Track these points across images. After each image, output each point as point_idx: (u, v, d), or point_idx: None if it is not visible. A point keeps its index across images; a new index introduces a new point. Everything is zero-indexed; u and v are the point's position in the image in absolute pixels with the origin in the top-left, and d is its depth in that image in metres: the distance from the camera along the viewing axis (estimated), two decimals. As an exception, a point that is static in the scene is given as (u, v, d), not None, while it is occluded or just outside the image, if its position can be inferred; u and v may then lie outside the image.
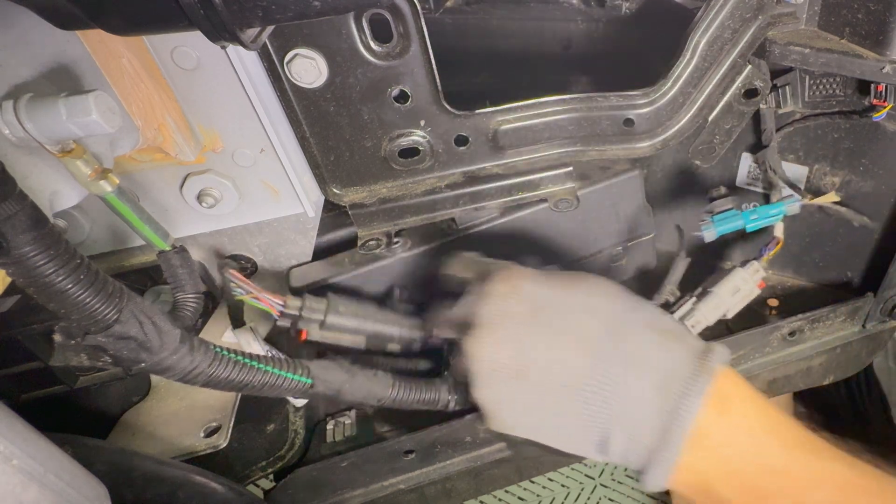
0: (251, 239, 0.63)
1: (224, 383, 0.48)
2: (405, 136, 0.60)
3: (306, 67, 0.52)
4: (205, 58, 0.49)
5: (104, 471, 0.50)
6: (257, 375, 0.49)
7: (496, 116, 0.61)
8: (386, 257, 0.63)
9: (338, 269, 0.63)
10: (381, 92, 0.56)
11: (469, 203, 0.68)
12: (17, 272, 0.38)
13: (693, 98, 0.61)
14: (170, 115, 0.51)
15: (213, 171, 0.56)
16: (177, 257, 0.54)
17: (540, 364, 0.47)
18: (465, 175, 0.65)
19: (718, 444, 0.45)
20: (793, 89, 0.68)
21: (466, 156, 0.63)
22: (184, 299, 0.55)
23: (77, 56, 0.44)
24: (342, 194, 0.64)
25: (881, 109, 0.64)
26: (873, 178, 0.71)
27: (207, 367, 0.46)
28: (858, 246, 0.77)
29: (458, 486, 0.76)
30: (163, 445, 0.67)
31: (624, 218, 0.70)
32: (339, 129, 0.58)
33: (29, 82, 0.43)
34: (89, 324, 0.41)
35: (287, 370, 0.50)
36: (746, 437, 0.45)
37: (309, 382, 0.51)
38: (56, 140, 0.42)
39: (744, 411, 0.46)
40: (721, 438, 0.45)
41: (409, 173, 0.63)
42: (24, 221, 0.37)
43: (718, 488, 0.45)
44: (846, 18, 0.58)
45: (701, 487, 0.46)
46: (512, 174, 0.67)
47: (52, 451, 0.44)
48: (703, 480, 0.45)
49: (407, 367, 0.62)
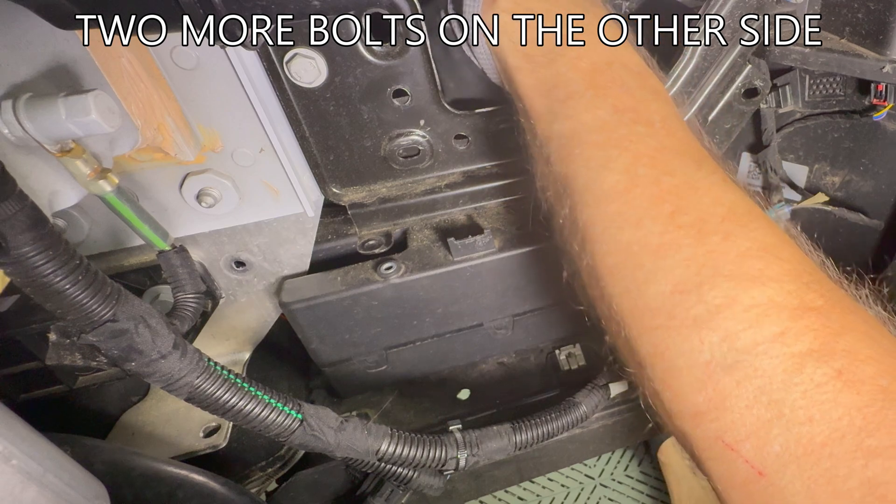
0: (250, 239, 0.63)
1: (208, 401, 0.46)
2: (405, 136, 0.60)
3: (306, 67, 0.52)
4: (204, 57, 0.49)
5: (103, 470, 0.50)
6: (244, 399, 0.47)
7: (496, 116, 0.61)
8: (378, 282, 0.62)
9: (330, 287, 0.62)
10: (381, 91, 0.56)
11: (469, 203, 0.68)
12: (15, 272, 0.38)
13: (693, 97, 0.61)
14: (169, 115, 0.51)
15: (213, 171, 0.56)
16: (176, 257, 0.54)
17: None
18: (464, 175, 0.65)
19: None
20: (793, 89, 0.68)
21: (466, 155, 0.63)
22: (184, 299, 0.55)
23: (76, 56, 0.44)
24: (342, 194, 0.64)
25: (881, 109, 0.63)
26: (873, 177, 0.71)
27: (195, 379, 0.45)
28: (858, 245, 0.77)
29: (459, 486, 0.76)
30: (162, 445, 0.67)
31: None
32: (339, 128, 0.58)
33: (28, 82, 0.43)
34: (85, 324, 0.41)
35: (278, 401, 0.49)
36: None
37: (299, 418, 0.49)
38: (55, 140, 0.42)
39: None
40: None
41: (408, 173, 0.63)
42: (24, 221, 0.37)
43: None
44: (846, 18, 0.58)
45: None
46: (512, 174, 0.67)
47: (51, 450, 0.44)
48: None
49: None
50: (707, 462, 0.38)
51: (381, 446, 0.55)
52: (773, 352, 0.35)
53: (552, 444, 0.74)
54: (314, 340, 0.66)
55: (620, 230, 0.41)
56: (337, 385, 0.75)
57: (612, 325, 0.44)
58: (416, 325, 0.67)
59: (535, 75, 0.47)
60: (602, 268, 0.42)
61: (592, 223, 0.42)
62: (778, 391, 0.34)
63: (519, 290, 0.67)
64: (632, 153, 0.42)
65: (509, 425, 0.63)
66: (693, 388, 0.37)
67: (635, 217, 0.40)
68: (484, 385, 0.81)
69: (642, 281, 0.40)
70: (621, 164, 0.42)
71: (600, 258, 0.42)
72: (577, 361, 0.79)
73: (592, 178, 0.42)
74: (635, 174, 0.41)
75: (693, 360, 0.37)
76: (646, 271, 0.39)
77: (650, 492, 1.34)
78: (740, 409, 0.35)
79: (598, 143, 0.43)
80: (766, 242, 0.39)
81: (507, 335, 0.73)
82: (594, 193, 0.42)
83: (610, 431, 0.78)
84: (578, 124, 0.44)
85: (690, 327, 0.37)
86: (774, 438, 0.34)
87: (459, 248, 0.62)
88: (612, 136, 0.43)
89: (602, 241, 0.42)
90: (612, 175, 0.42)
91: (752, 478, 0.35)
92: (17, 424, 0.42)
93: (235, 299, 0.68)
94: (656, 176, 0.41)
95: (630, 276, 0.40)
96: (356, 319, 0.65)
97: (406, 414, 0.77)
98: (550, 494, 1.35)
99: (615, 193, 0.41)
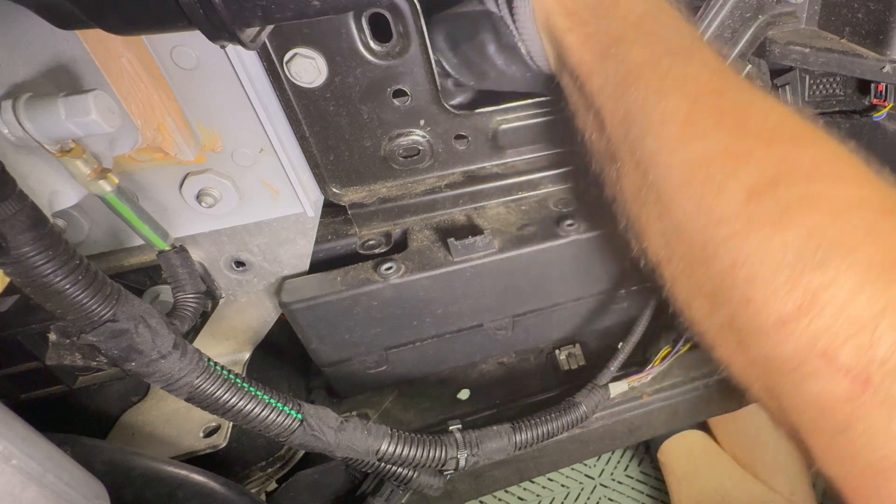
0: (250, 238, 0.63)
1: (208, 401, 0.46)
2: (405, 136, 0.60)
3: (306, 67, 0.52)
4: (204, 57, 0.49)
5: (103, 470, 0.50)
6: (244, 399, 0.47)
7: (496, 116, 0.61)
8: (378, 282, 0.62)
9: (330, 287, 0.62)
10: (381, 91, 0.56)
11: (469, 203, 0.68)
12: (15, 272, 0.38)
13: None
14: (169, 115, 0.51)
15: (213, 171, 0.56)
16: (176, 257, 0.54)
17: None
18: (464, 175, 0.65)
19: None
20: (793, 89, 0.68)
21: (466, 155, 0.63)
22: (184, 299, 0.55)
23: (76, 56, 0.44)
24: (342, 194, 0.64)
25: (881, 109, 0.63)
26: (873, 177, 0.71)
27: (195, 379, 0.45)
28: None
29: (459, 487, 0.76)
30: (162, 445, 0.67)
31: (630, 263, 0.68)
32: (339, 128, 0.58)
33: (28, 82, 0.43)
34: (85, 324, 0.41)
35: (278, 401, 0.49)
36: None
37: (299, 418, 0.50)
38: (55, 140, 0.42)
39: None
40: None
41: (408, 173, 0.63)
42: (24, 221, 0.37)
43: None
44: (846, 18, 0.58)
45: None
46: (512, 174, 0.67)
47: (51, 450, 0.44)
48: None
49: None
50: (798, 394, 0.34)
51: (381, 446, 0.55)
52: (868, 244, 0.32)
53: (552, 444, 0.74)
54: (314, 340, 0.66)
55: (687, 146, 0.39)
56: (337, 385, 0.75)
57: (678, 259, 0.42)
58: (416, 325, 0.67)
59: (585, 30, 0.47)
60: (669, 191, 0.41)
61: (656, 148, 0.41)
62: (878, 282, 0.31)
63: (519, 290, 0.67)
64: (689, 80, 0.42)
65: (509, 425, 0.63)
66: (779, 293, 0.34)
67: (701, 131, 0.39)
68: (484, 385, 0.81)
69: (714, 191, 0.38)
70: (680, 91, 0.41)
71: (667, 181, 0.41)
72: (577, 361, 0.79)
73: (652, 106, 0.42)
74: (696, 96, 0.41)
75: (777, 263, 0.34)
76: (717, 181, 0.38)
77: (650, 492, 1.34)
78: (836, 309, 0.31)
79: (654, 76, 0.43)
80: (837, 151, 0.38)
81: (507, 335, 0.73)
82: (656, 119, 0.41)
83: (610, 431, 0.78)
84: (632, 65, 0.43)
85: (771, 228, 0.35)
86: (880, 338, 0.30)
87: (459, 248, 0.62)
88: (668, 70, 0.42)
89: (668, 164, 0.41)
90: (673, 99, 0.41)
91: (853, 392, 0.31)
92: (17, 424, 0.42)
93: (235, 299, 0.68)
94: (717, 96, 0.40)
95: (700, 189, 0.39)
96: (356, 319, 0.65)
97: (406, 414, 0.77)
98: (550, 494, 1.35)
99: (679, 113, 0.40)
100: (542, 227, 0.65)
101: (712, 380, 0.78)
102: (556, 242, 0.63)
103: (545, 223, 0.65)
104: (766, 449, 1.18)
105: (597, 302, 0.72)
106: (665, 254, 0.44)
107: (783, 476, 1.17)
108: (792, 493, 1.16)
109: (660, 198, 0.42)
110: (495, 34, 0.54)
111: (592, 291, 0.71)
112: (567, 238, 0.63)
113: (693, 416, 0.81)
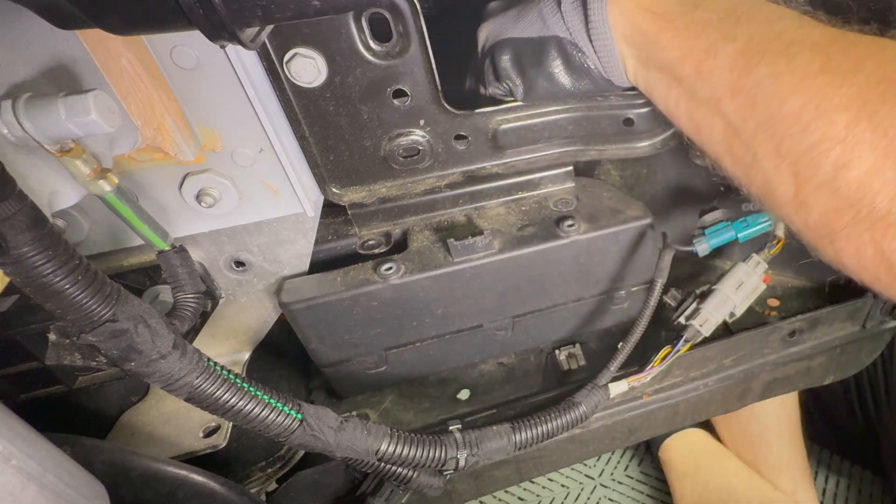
0: (250, 239, 0.63)
1: (208, 401, 0.46)
2: (405, 136, 0.60)
3: (305, 67, 0.52)
4: (204, 57, 0.49)
5: (103, 470, 0.50)
6: (244, 399, 0.47)
7: (496, 116, 0.61)
8: (377, 283, 0.62)
9: (330, 287, 0.62)
10: (381, 91, 0.56)
11: (469, 203, 0.68)
12: (15, 272, 0.38)
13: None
14: (169, 115, 0.51)
15: (213, 171, 0.56)
16: (176, 257, 0.54)
17: None
18: (464, 175, 0.65)
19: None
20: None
21: (466, 155, 0.63)
22: (184, 299, 0.55)
23: (76, 55, 0.44)
24: (341, 194, 0.64)
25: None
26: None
27: (195, 379, 0.45)
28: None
29: (459, 487, 0.76)
30: (162, 445, 0.67)
31: (630, 264, 0.69)
32: (339, 128, 0.58)
33: (28, 82, 0.43)
34: (85, 324, 0.41)
35: (278, 401, 0.49)
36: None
37: (299, 418, 0.50)
38: (55, 140, 0.42)
39: None
40: None
41: (408, 173, 0.63)
42: (24, 221, 0.37)
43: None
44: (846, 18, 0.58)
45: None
46: (511, 174, 0.67)
47: (50, 450, 0.44)
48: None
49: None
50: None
51: (381, 446, 0.55)
52: None
53: (552, 444, 0.74)
54: (314, 341, 0.66)
55: (839, 90, 0.41)
56: (337, 385, 0.75)
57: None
58: (416, 325, 0.67)
59: (682, 22, 0.48)
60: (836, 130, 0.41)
61: (803, 102, 0.42)
62: None
63: (519, 290, 0.67)
64: (811, 40, 0.43)
65: (509, 425, 0.63)
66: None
67: (839, 77, 0.41)
68: (484, 385, 0.81)
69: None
70: (808, 48, 0.43)
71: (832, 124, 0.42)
72: (577, 361, 0.79)
73: (783, 68, 0.43)
74: (826, 51, 0.42)
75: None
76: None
77: (650, 492, 1.34)
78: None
79: (773, 46, 0.44)
80: None
81: (507, 336, 0.73)
82: (790, 80, 0.42)
83: (610, 431, 0.78)
84: (743, 44, 0.44)
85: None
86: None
87: (459, 248, 0.62)
88: (782, 37, 0.44)
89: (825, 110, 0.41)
90: (803, 55, 0.42)
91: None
92: (17, 424, 0.42)
93: (235, 299, 0.68)
94: (844, 47, 0.42)
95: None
96: (356, 320, 0.65)
97: (406, 414, 0.77)
98: (550, 494, 1.35)
99: (814, 66, 0.42)
100: (542, 227, 0.65)
101: (712, 380, 0.78)
102: (556, 243, 0.64)
103: (545, 223, 0.65)
104: (769, 448, 1.18)
105: (597, 302, 0.72)
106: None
107: (787, 475, 1.17)
108: (795, 492, 1.17)
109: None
110: (564, 58, 0.54)
111: (592, 292, 0.71)
112: (567, 238, 0.63)
113: (693, 416, 0.81)
